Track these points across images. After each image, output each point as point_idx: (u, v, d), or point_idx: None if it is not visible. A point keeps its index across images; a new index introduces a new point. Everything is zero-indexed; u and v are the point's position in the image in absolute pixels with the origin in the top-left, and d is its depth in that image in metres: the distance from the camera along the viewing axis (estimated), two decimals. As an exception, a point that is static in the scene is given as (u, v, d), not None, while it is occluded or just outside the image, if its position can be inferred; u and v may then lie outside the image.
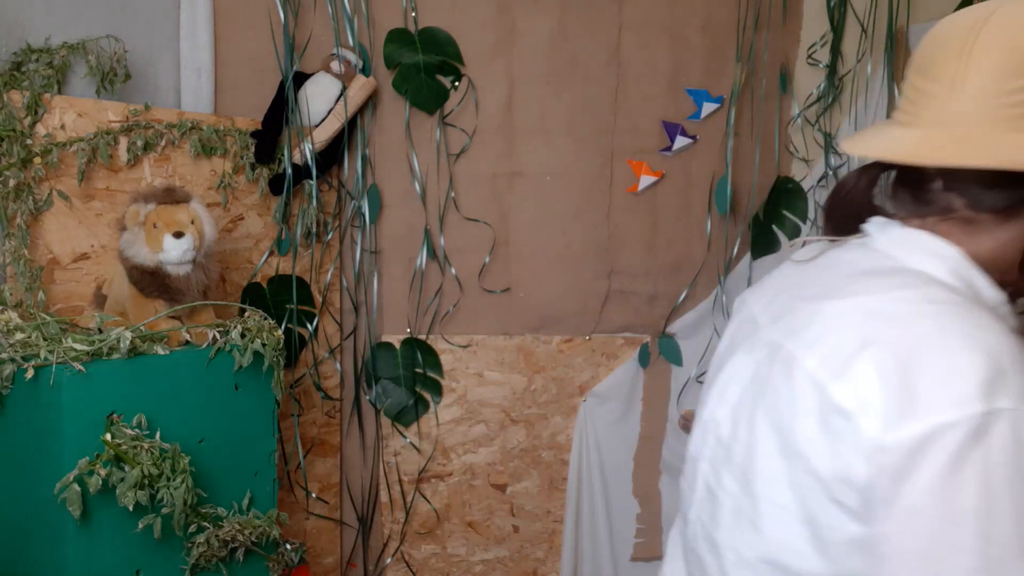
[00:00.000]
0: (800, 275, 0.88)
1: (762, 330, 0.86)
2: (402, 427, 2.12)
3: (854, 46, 2.15)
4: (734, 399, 0.85)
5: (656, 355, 2.20)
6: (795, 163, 2.22)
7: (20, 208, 1.49)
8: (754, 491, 0.79)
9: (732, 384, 0.87)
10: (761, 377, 0.81)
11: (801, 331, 0.78)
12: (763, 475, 0.78)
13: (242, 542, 1.41)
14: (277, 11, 1.88)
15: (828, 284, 0.81)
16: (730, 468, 0.83)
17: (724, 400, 0.87)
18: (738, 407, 0.84)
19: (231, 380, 1.42)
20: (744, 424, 0.82)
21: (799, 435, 0.73)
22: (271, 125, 1.84)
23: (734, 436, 0.84)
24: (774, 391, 0.78)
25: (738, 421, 0.83)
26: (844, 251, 0.86)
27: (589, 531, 2.20)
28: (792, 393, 0.75)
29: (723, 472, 0.85)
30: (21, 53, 1.56)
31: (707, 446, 0.89)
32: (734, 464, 0.83)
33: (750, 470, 0.80)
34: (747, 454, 0.80)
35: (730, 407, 0.86)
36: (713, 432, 0.88)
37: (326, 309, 2.01)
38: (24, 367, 1.19)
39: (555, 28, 2.06)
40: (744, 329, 0.91)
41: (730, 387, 0.87)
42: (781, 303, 0.86)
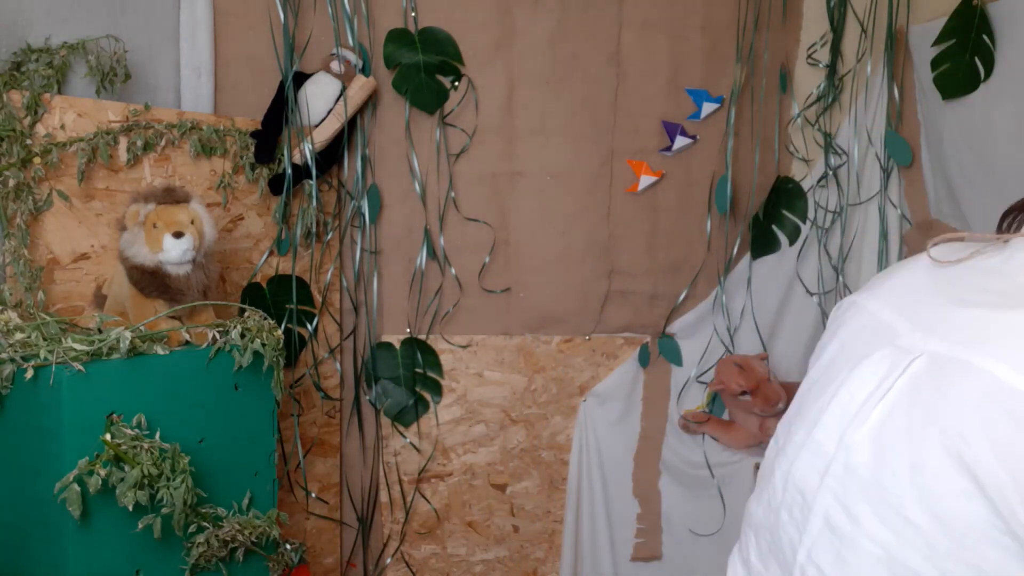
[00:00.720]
0: (951, 278, 0.74)
1: (903, 337, 0.72)
2: (402, 427, 2.12)
3: (854, 46, 2.15)
4: (875, 420, 0.70)
5: (656, 355, 2.20)
6: (795, 163, 2.22)
7: (20, 208, 1.49)
8: (935, 546, 0.63)
9: (866, 403, 0.71)
10: (923, 396, 0.66)
11: (990, 341, 0.64)
12: (954, 528, 0.62)
13: (242, 542, 1.41)
14: (277, 11, 1.88)
15: (1008, 291, 0.68)
16: (878, 507, 0.67)
17: (858, 422, 0.71)
18: (882, 430, 0.69)
19: (231, 380, 1.42)
20: (902, 456, 0.66)
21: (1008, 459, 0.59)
22: (271, 125, 1.84)
23: (882, 467, 0.68)
24: (963, 420, 0.62)
25: (886, 451, 0.68)
26: (1009, 254, 0.71)
27: (589, 531, 2.20)
28: (1003, 420, 0.60)
29: (861, 509, 0.69)
30: (21, 53, 1.56)
31: (830, 476, 0.72)
32: (888, 507, 0.66)
33: (927, 520, 0.64)
34: (917, 498, 0.64)
35: (868, 430, 0.70)
36: (841, 460, 0.72)
37: (326, 309, 2.01)
38: (24, 367, 1.19)
39: (555, 28, 2.06)
40: (867, 336, 0.77)
41: (864, 407, 0.71)
42: (932, 309, 0.72)
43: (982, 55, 1.80)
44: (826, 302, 2.22)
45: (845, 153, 2.18)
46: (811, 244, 2.21)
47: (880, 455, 0.68)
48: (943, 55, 1.91)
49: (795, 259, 2.21)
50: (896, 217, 2.15)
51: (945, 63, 1.90)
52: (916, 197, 2.12)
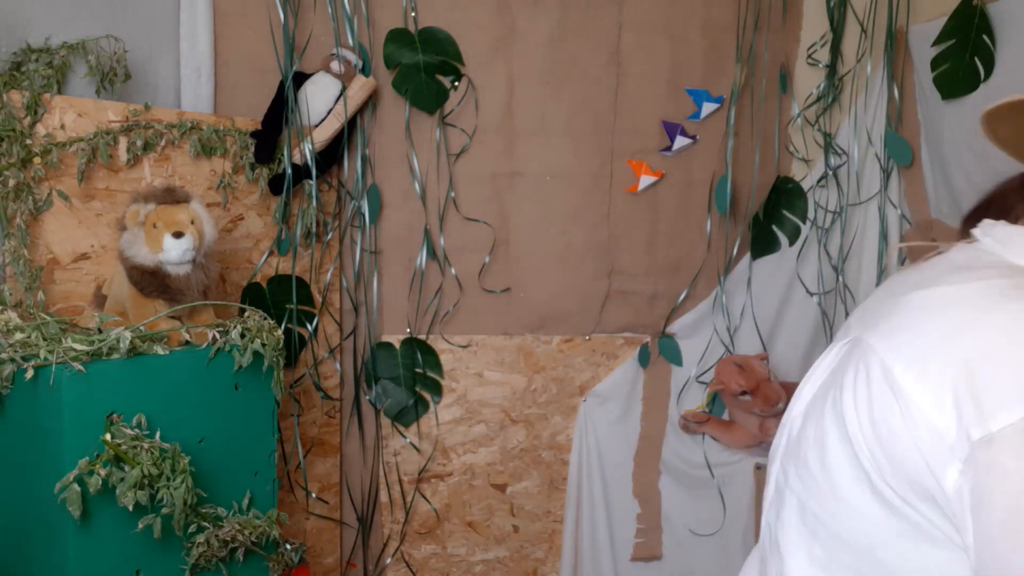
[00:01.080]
0: (899, 278, 0.84)
1: (851, 329, 0.81)
2: (402, 427, 2.12)
3: (854, 46, 2.15)
4: (808, 396, 0.82)
5: (656, 355, 2.20)
6: (795, 163, 2.22)
7: (20, 208, 1.49)
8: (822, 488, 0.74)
9: (809, 383, 0.83)
10: (836, 372, 0.77)
11: (880, 322, 0.74)
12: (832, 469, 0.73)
13: (242, 542, 1.41)
14: (277, 11, 1.88)
15: (917, 280, 0.77)
16: (798, 465, 0.79)
17: (800, 397, 0.84)
18: (811, 403, 0.80)
19: (231, 380, 1.42)
20: (814, 420, 0.78)
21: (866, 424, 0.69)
22: (271, 125, 1.84)
23: (803, 432, 0.80)
24: (843, 382, 0.74)
25: (808, 416, 0.79)
26: (947, 253, 0.81)
27: (589, 531, 2.20)
28: (862, 382, 0.71)
29: (790, 469, 0.81)
30: (21, 53, 1.56)
31: (780, 446, 0.86)
32: (801, 462, 0.78)
33: (818, 467, 0.75)
34: (816, 451, 0.76)
35: (804, 404, 0.82)
36: (787, 431, 0.84)
37: (326, 309, 2.01)
38: (24, 367, 1.19)
39: (555, 28, 2.06)
40: (837, 338, 0.87)
41: (806, 386, 0.83)
42: (873, 308, 0.81)
43: (982, 55, 1.80)
44: (826, 302, 2.22)
45: (845, 153, 2.18)
46: (811, 244, 2.21)
47: (804, 422, 0.80)
48: (943, 55, 1.91)
49: (795, 259, 2.21)
50: (896, 217, 2.15)
51: (945, 63, 1.90)
52: (916, 197, 2.12)
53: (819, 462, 0.75)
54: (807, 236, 2.21)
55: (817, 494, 0.75)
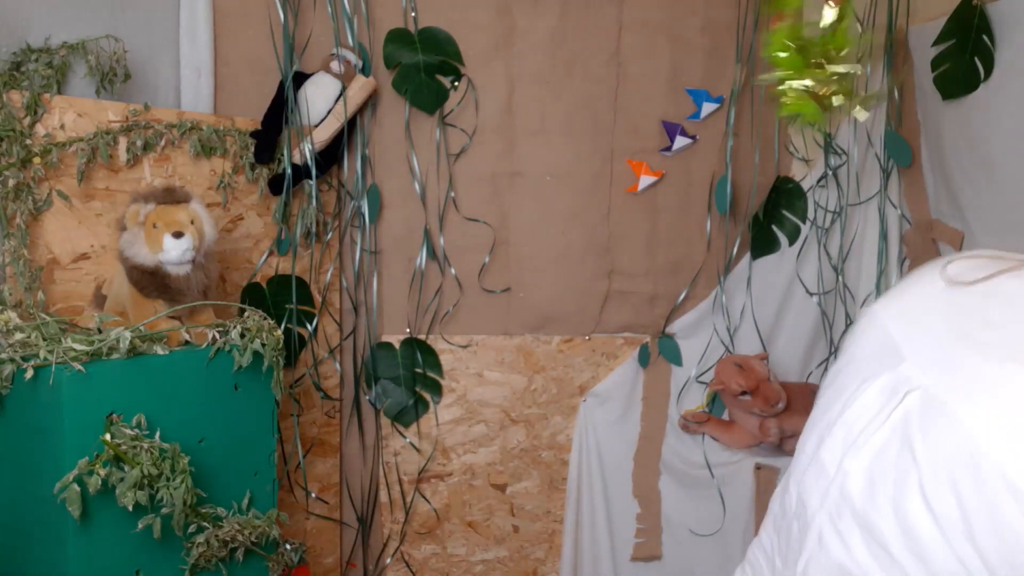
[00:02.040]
0: (961, 304, 0.71)
1: (906, 362, 0.71)
2: (402, 427, 2.12)
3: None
4: (870, 453, 0.70)
5: (656, 355, 2.20)
6: (795, 163, 2.22)
7: (20, 208, 1.49)
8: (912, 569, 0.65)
9: (863, 432, 0.72)
10: (912, 439, 0.66)
11: (974, 393, 0.63)
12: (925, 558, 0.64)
13: (242, 542, 1.41)
14: (277, 11, 1.88)
15: (1015, 337, 0.64)
16: (867, 541, 0.69)
17: (855, 450, 0.72)
18: (875, 464, 0.69)
19: (231, 380, 1.42)
20: (886, 494, 0.67)
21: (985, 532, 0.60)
22: (271, 125, 1.84)
23: (871, 501, 0.70)
24: (937, 475, 0.64)
25: (876, 485, 0.68)
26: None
27: (589, 531, 2.20)
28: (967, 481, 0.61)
29: (852, 536, 0.71)
30: (21, 53, 1.56)
31: (828, 498, 0.74)
32: (875, 540, 0.68)
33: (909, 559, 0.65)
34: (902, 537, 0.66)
35: (862, 461, 0.71)
36: (838, 484, 0.73)
37: (326, 309, 2.01)
38: (24, 367, 1.19)
39: (555, 28, 2.06)
40: (875, 352, 0.76)
41: (861, 436, 0.72)
42: (936, 337, 0.70)
43: (982, 55, 1.80)
44: (826, 302, 2.22)
45: (845, 153, 2.18)
46: (811, 244, 2.21)
47: (870, 488, 0.69)
48: (943, 55, 1.91)
49: (795, 259, 2.21)
50: (896, 217, 2.15)
51: (945, 63, 1.90)
52: (916, 197, 2.12)
53: (910, 554, 0.65)
54: (807, 236, 2.21)
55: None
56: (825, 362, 2.23)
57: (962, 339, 0.67)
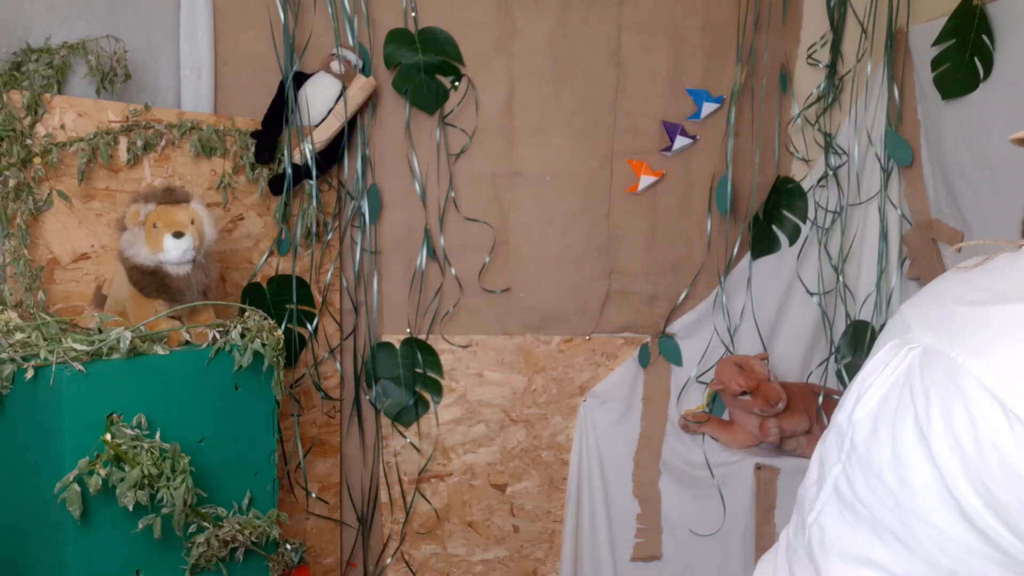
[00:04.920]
0: (961, 281, 0.80)
1: (912, 331, 0.79)
2: (402, 427, 2.12)
3: (854, 46, 2.15)
4: (874, 401, 0.78)
5: (656, 355, 2.20)
6: (795, 163, 2.22)
7: (20, 208, 1.49)
8: (902, 504, 0.72)
9: (872, 387, 0.79)
10: (909, 383, 0.74)
11: (964, 336, 0.71)
12: (915, 489, 0.70)
13: (242, 542, 1.41)
14: (277, 11, 1.88)
15: (1000, 289, 0.73)
16: (867, 474, 0.76)
17: (863, 402, 0.80)
18: (879, 410, 0.77)
19: (231, 380, 1.42)
20: (886, 430, 0.74)
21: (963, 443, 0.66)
22: (271, 125, 1.84)
23: (873, 440, 0.76)
24: (928, 401, 0.70)
25: (879, 426, 0.76)
26: (1019, 256, 0.77)
27: (589, 531, 2.20)
28: (959, 405, 0.67)
29: (857, 477, 0.78)
30: (21, 53, 1.56)
31: (842, 451, 0.81)
32: (872, 473, 0.75)
33: (896, 482, 0.72)
34: (893, 464, 0.73)
35: (869, 410, 0.78)
36: (849, 436, 0.80)
37: (326, 309, 2.01)
38: (24, 367, 1.19)
39: (555, 28, 2.06)
40: (891, 331, 0.84)
41: (870, 390, 0.80)
42: (938, 307, 0.78)
43: (982, 55, 1.81)
44: (826, 302, 2.22)
45: (845, 153, 2.18)
46: (811, 244, 2.21)
47: (874, 431, 0.77)
48: (943, 55, 1.91)
49: (795, 259, 2.21)
50: (896, 217, 2.15)
51: (945, 63, 1.90)
52: (916, 197, 2.12)
53: (898, 478, 0.72)
54: (807, 236, 2.21)
55: (895, 510, 0.72)
56: (825, 362, 2.23)
57: (956, 302, 0.77)
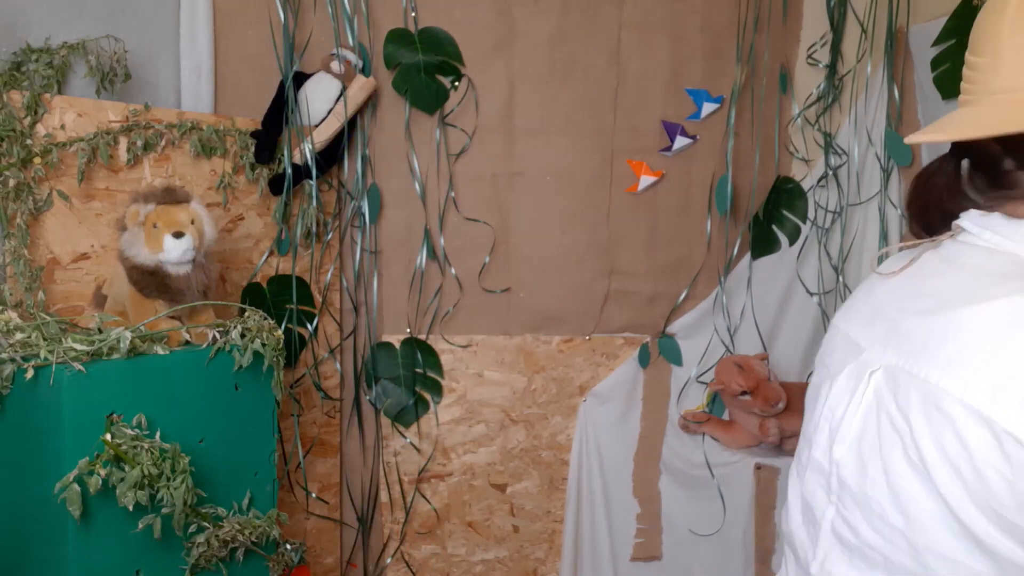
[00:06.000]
0: (896, 288, 0.78)
1: (865, 352, 0.76)
2: (402, 427, 2.12)
3: (854, 46, 2.15)
4: (851, 436, 0.75)
5: (656, 355, 2.20)
6: (795, 163, 2.22)
7: (20, 208, 1.49)
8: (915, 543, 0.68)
9: (843, 418, 0.76)
10: (887, 409, 0.71)
11: (927, 351, 0.68)
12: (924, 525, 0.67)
13: (242, 542, 1.41)
14: (277, 11, 1.88)
15: (945, 293, 0.71)
16: (868, 516, 0.72)
17: (840, 438, 0.76)
18: (860, 443, 0.74)
19: (231, 380, 1.42)
20: (876, 466, 0.71)
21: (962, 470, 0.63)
22: (271, 125, 1.84)
23: (864, 477, 0.73)
24: (912, 430, 0.67)
25: (866, 463, 0.73)
26: (945, 253, 0.75)
27: (589, 531, 2.20)
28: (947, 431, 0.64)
29: (858, 520, 0.74)
30: (21, 53, 1.56)
31: (831, 491, 0.77)
32: (874, 514, 0.71)
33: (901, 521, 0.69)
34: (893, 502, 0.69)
35: (848, 445, 0.75)
36: (835, 474, 0.77)
37: (326, 309, 2.01)
38: (24, 367, 1.19)
39: (555, 28, 2.06)
40: (839, 354, 0.82)
41: (843, 423, 0.76)
42: (884, 321, 0.76)
43: (982, 55, 1.80)
44: (826, 302, 2.22)
45: (845, 153, 2.18)
46: (811, 244, 2.21)
47: (861, 468, 0.73)
48: (943, 55, 1.91)
49: (795, 259, 2.21)
50: (896, 217, 2.15)
51: (945, 63, 1.90)
52: (916, 197, 2.12)
53: (902, 516, 0.69)
54: (807, 236, 2.21)
55: (910, 551, 0.68)
56: (825, 362, 2.23)
57: (903, 313, 0.74)
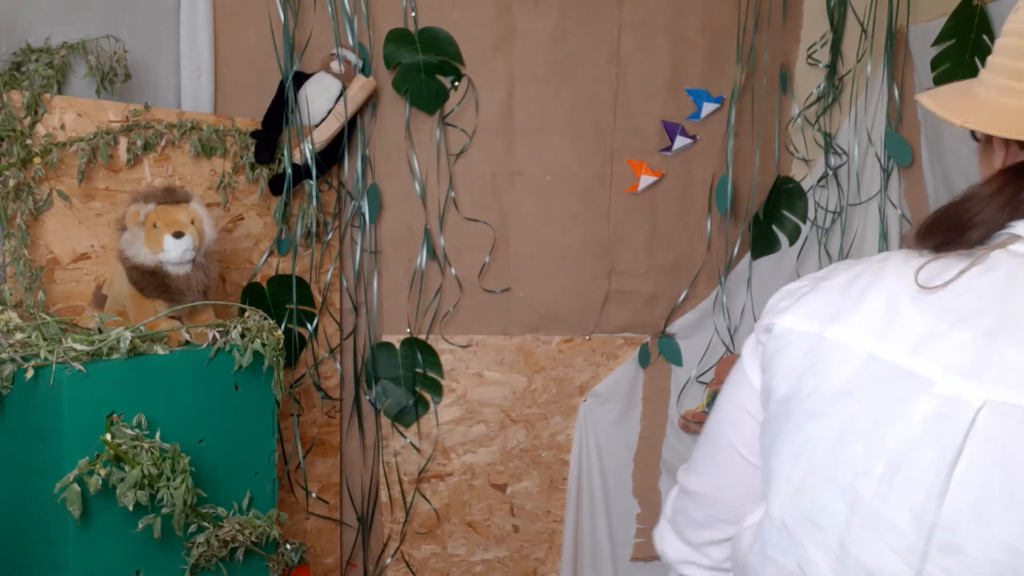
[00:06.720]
0: (946, 305, 0.67)
1: (941, 384, 0.64)
2: (402, 427, 2.12)
3: (854, 46, 2.15)
4: (960, 491, 0.62)
5: (656, 355, 2.20)
6: (795, 163, 2.23)
7: (20, 208, 1.49)
8: None
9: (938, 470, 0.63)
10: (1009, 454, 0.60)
11: None
12: None
13: (242, 542, 1.41)
14: (277, 11, 1.88)
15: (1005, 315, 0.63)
16: None
17: (936, 494, 0.63)
18: (978, 501, 0.61)
19: (231, 380, 1.42)
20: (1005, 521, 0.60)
21: None
22: (271, 125, 1.84)
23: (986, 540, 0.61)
24: None
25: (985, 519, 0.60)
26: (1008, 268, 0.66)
27: (589, 531, 2.20)
28: None
29: None
30: (21, 53, 1.56)
31: (928, 562, 0.63)
32: None
33: None
34: None
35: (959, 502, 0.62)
36: (937, 541, 0.62)
37: (326, 309, 2.01)
38: (24, 367, 1.19)
39: (555, 28, 2.06)
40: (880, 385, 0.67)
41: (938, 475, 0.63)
42: (958, 347, 0.64)
43: (982, 55, 1.80)
44: (826, 302, 2.21)
45: (845, 153, 2.18)
46: (811, 244, 2.21)
47: (987, 531, 0.60)
48: (943, 55, 1.91)
49: (795, 259, 2.21)
50: (896, 217, 2.15)
51: (945, 63, 1.90)
52: (916, 197, 2.12)
53: None
54: (807, 236, 2.21)
55: None
56: (825, 362, 2.23)
57: (991, 337, 0.64)
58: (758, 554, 0.76)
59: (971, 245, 0.69)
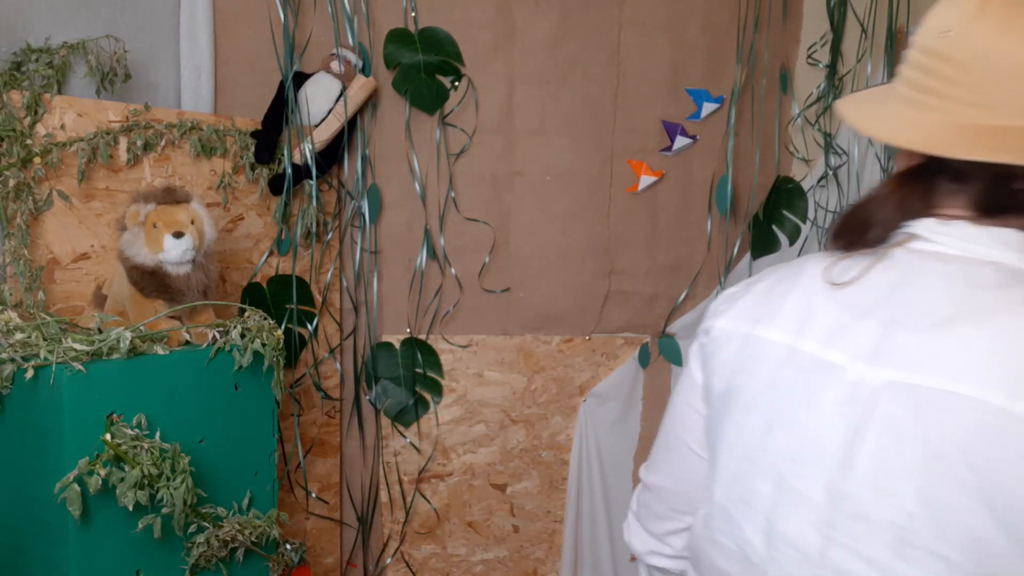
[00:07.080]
0: (854, 300, 0.74)
1: (849, 371, 0.71)
2: (402, 427, 2.12)
3: (854, 46, 2.15)
4: (865, 464, 0.68)
5: (656, 355, 2.20)
6: (795, 163, 2.23)
7: (20, 208, 1.49)
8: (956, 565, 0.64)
9: (847, 448, 0.69)
10: (905, 429, 0.66)
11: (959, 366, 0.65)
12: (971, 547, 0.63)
13: (242, 542, 1.41)
14: (277, 11, 1.88)
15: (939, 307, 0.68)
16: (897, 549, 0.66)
17: (845, 468, 0.69)
18: (879, 473, 0.67)
19: (231, 380, 1.42)
20: (905, 492, 0.65)
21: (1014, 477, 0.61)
22: (271, 125, 1.84)
23: (889, 507, 0.67)
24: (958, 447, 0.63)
25: (887, 490, 0.66)
26: (907, 264, 0.73)
27: (589, 531, 2.20)
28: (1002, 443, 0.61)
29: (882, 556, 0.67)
30: (21, 53, 1.56)
31: (838, 530, 0.70)
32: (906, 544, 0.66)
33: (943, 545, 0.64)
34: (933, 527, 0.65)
35: (864, 475, 0.68)
36: (846, 511, 0.69)
37: (326, 309, 2.01)
38: (24, 367, 1.19)
39: (555, 28, 2.06)
40: (800, 376, 0.75)
41: (847, 453, 0.69)
42: (862, 336, 0.71)
43: (982, 55, 1.80)
44: (826, 302, 2.22)
45: (845, 153, 2.18)
46: (811, 244, 2.21)
47: (886, 499, 0.67)
48: (943, 55, 1.91)
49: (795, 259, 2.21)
50: (896, 217, 2.15)
51: (945, 63, 1.90)
52: (916, 197, 2.12)
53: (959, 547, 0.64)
54: (807, 236, 2.21)
55: None
56: (825, 362, 2.23)
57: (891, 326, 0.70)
58: (708, 539, 0.84)
59: (873, 244, 0.76)
